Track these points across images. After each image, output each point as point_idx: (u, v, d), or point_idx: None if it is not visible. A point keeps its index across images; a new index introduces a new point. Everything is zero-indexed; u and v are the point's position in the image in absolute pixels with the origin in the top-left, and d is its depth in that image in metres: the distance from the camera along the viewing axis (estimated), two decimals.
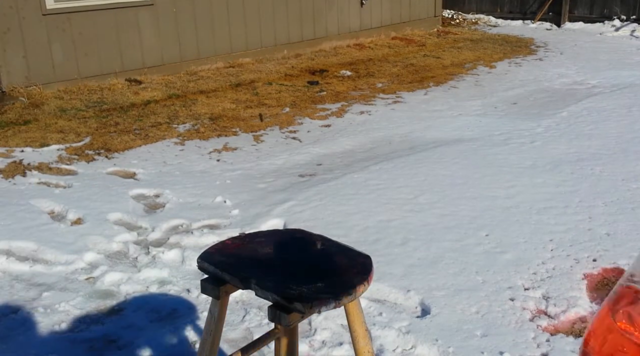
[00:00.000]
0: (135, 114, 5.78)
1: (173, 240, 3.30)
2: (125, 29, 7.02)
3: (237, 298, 2.70)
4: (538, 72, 7.75)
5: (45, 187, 4.01)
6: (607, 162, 4.35)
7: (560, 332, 2.45)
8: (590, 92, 6.63)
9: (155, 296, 2.77)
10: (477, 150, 4.70)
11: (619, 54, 8.85)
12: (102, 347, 2.41)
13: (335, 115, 5.85)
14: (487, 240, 3.21)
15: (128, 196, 3.89)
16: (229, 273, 1.32)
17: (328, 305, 1.23)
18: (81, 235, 3.32)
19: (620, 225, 3.36)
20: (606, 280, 2.86)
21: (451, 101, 6.36)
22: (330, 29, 9.34)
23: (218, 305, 1.39)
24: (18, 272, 2.98)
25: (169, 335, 2.47)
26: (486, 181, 4.03)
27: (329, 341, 2.40)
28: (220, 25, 7.89)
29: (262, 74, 7.53)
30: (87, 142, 4.95)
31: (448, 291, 2.73)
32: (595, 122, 5.38)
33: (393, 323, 2.50)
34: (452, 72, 7.80)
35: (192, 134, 5.22)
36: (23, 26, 6.22)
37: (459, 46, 9.60)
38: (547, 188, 3.89)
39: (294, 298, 1.22)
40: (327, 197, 3.70)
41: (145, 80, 7.02)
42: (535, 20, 11.86)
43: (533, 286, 2.77)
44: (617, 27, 10.81)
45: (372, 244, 3.17)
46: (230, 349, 2.38)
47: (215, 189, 4.00)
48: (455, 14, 12.75)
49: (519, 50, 9.25)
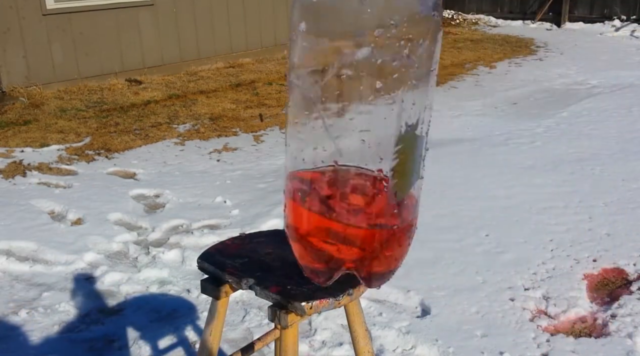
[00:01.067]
0: (135, 114, 5.78)
1: (173, 240, 3.30)
2: (126, 29, 7.02)
3: (237, 298, 2.70)
4: (538, 72, 7.74)
5: (45, 187, 4.01)
6: (607, 162, 4.35)
7: (560, 332, 2.45)
8: (591, 92, 6.63)
9: (155, 297, 2.77)
10: (477, 150, 4.70)
11: (619, 54, 8.85)
12: (102, 347, 2.41)
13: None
14: (487, 240, 3.21)
15: (128, 196, 3.89)
16: (229, 274, 1.32)
17: (328, 305, 1.23)
18: (81, 235, 3.32)
19: (620, 225, 3.36)
20: (606, 280, 2.86)
21: (451, 101, 6.36)
22: None
23: (218, 306, 1.39)
24: (18, 272, 2.98)
25: (169, 335, 2.47)
26: (486, 181, 4.03)
27: (329, 341, 2.40)
28: (220, 25, 7.89)
29: (263, 74, 7.53)
30: (87, 142, 4.95)
31: (448, 292, 2.73)
32: (595, 122, 5.38)
33: (393, 323, 2.50)
34: (452, 72, 7.80)
35: (192, 134, 5.22)
36: (23, 26, 6.22)
37: (459, 46, 9.60)
38: (547, 188, 3.89)
39: (294, 298, 1.22)
40: None
41: (146, 80, 7.02)
42: (535, 21, 11.86)
43: (533, 286, 2.77)
44: (618, 27, 10.81)
45: None
46: (230, 349, 2.38)
47: (215, 189, 4.00)
48: (455, 14, 12.75)
49: (519, 51, 9.24)
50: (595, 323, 2.53)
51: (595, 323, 2.53)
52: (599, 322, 2.52)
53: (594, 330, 2.48)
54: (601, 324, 2.51)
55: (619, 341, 2.38)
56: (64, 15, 6.50)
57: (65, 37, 6.55)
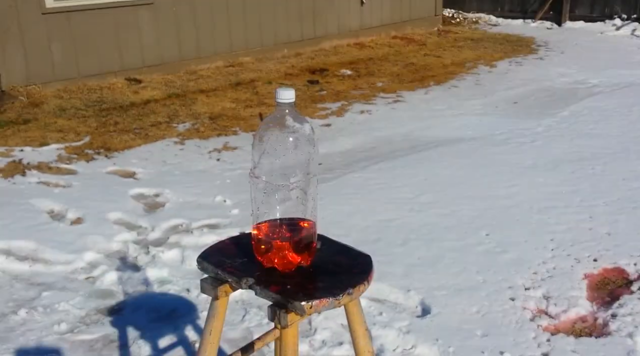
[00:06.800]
0: (134, 113, 5.77)
1: (173, 239, 3.29)
2: (125, 28, 7.01)
3: (237, 297, 2.70)
4: (539, 71, 7.74)
5: (45, 187, 4.01)
6: (608, 161, 4.34)
7: (560, 332, 2.45)
8: (591, 91, 6.63)
9: (155, 296, 2.76)
10: (477, 149, 4.70)
11: (620, 53, 8.84)
12: (102, 347, 2.40)
13: (335, 114, 5.84)
14: (488, 240, 3.21)
15: (128, 195, 3.89)
16: (229, 273, 1.32)
17: (328, 304, 1.23)
18: (81, 234, 3.31)
19: (621, 224, 3.35)
20: (607, 279, 2.85)
21: (452, 100, 6.35)
22: (331, 28, 9.34)
23: (218, 305, 1.38)
24: (17, 272, 2.97)
25: (169, 335, 2.47)
26: (487, 180, 4.03)
27: (329, 341, 2.40)
28: (220, 24, 7.88)
29: (262, 73, 7.52)
30: (86, 142, 4.94)
31: (448, 291, 2.72)
32: (596, 121, 5.37)
33: (393, 323, 2.50)
34: (452, 71, 7.79)
35: (192, 133, 5.22)
36: (22, 25, 6.21)
37: (459, 45, 9.59)
38: (548, 188, 3.89)
39: (294, 297, 1.21)
40: (327, 196, 3.70)
41: (145, 80, 7.01)
42: (535, 19, 11.85)
43: (533, 285, 2.77)
44: (618, 26, 10.80)
45: (373, 244, 3.16)
46: (230, 349, 2.37)
47: (215, 188, 3.99)
48: (455, 13, 12.74)
49: (519, 50, 9.24)
50: (596, 323, 2.52)
51: (596, 322, 2.52)
52: (600, 322, 2.52)
53: (595, 330, 2.48)
54: (602, 324, 2.50)
55: (620, 340, 2.38)
56: (63, 14, 6.49)
57: (65, 36, 6.54)
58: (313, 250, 1.34)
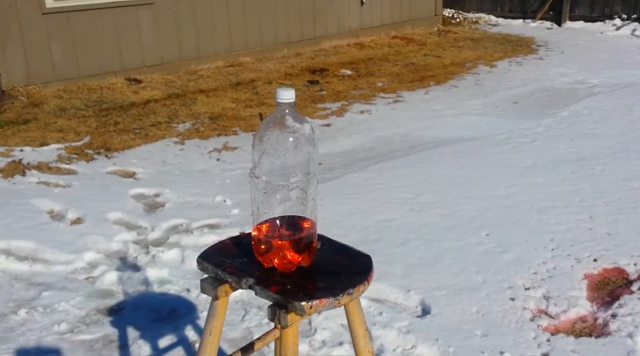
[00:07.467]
0: (134, 113, 5.77)
1: (173, 239, 3.29)
2: (125, 28, 7.01)
3: (237, 297, 2.70)
4: (539, 71, 7.74)
5: (45, 187, 4.01)
6: (608, 161, 4.34)
7: (560, 332, 2.45)
8: (591, 91, 6.63)
9: (155, 296, 2.76)
10: (477, 149, 4.70)
11: (620, 53, 8.84)
12: (102, 347, 2.40)
13: (335, 114, 5.84)
14: (488, 240, 3.21)
15: (128, 195, 3.89)
16: (229, 273, 1.32)
17: (328, 304, 1.23)
18: (81, 234, 3.31)
19: (621, 224, 3.35)
20: (607, 279, 2.85)
21: (452, 100, 6.35)
22: (331, 28, 9.33)
23: (218, 305, 1.38)
24: (17, 272, 2.97)
25: (169, 335, 2.47)
26: (487, 180, 4.03)
27: (329, 341, 2.40)
28: (220, 24, 7.88)
29: (262, 73, 7.52)
30: (86, 142, 4.94)
31: (448, 291, 2.72)
32: (596, 121, 5.37)
33: (393, 323, 2.50)
34: (452, 71, 7.79)
35: (192, 133, 5.22)
36: (22, 25, 6.21)
37: (459, 45, 9.59)
38: (548, 188, 3.89)
39: (294, 297, 1.21)
40: (327, 196, 3.70)
41: (145, 80, 7.01)
42: (535, 19, 11.85)
43: (534, 286, 2.77)
44: (618, 26, 10.80)
45: (373, 244, 3.16)
46: (230, 349, 2.37)
47: (215, 188, 3.99)
48: (455, 13, 12.74)
49: (519, 49, 9.24)
50: (596, 323, 2.52)
51: (596, 322, 2.52)
52: (600, 322, 2.52)
53: (595, 330, 2.48)
54: (602, 324, 2.50)
55: (620, 340, 2.38)
56: (63, 14, 6.49)
57: (65, 36, 6.54)
58: (313, 250, 1.34)
